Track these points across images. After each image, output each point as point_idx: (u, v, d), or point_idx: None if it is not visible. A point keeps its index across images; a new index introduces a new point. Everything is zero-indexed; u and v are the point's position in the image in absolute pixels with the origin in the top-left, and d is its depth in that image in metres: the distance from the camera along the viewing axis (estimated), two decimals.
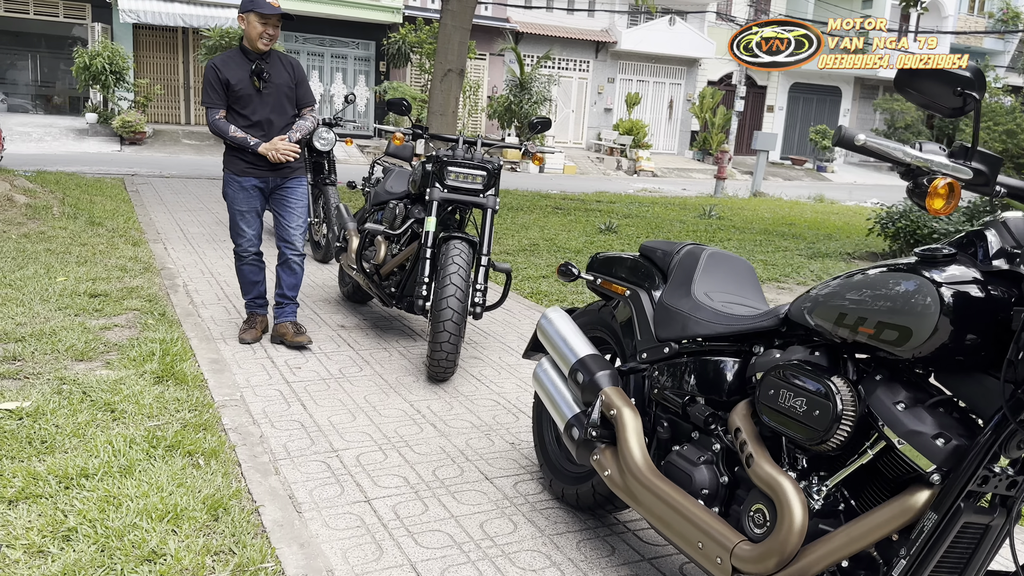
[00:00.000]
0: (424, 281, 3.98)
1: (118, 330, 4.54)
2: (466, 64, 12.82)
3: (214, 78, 4.30)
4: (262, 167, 4.41)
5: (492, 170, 4.17)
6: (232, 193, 4.46)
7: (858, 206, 17.10)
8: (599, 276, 2.71)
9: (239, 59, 4.37)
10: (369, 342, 4.64)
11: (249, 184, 4.45)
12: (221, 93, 4.31)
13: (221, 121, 4.33)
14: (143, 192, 10.77)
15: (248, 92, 4.33)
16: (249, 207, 4.50)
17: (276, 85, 4.43)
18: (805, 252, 9.15)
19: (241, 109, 4.36)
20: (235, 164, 4.42)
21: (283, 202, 4.55)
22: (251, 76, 4.33)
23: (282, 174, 4.49)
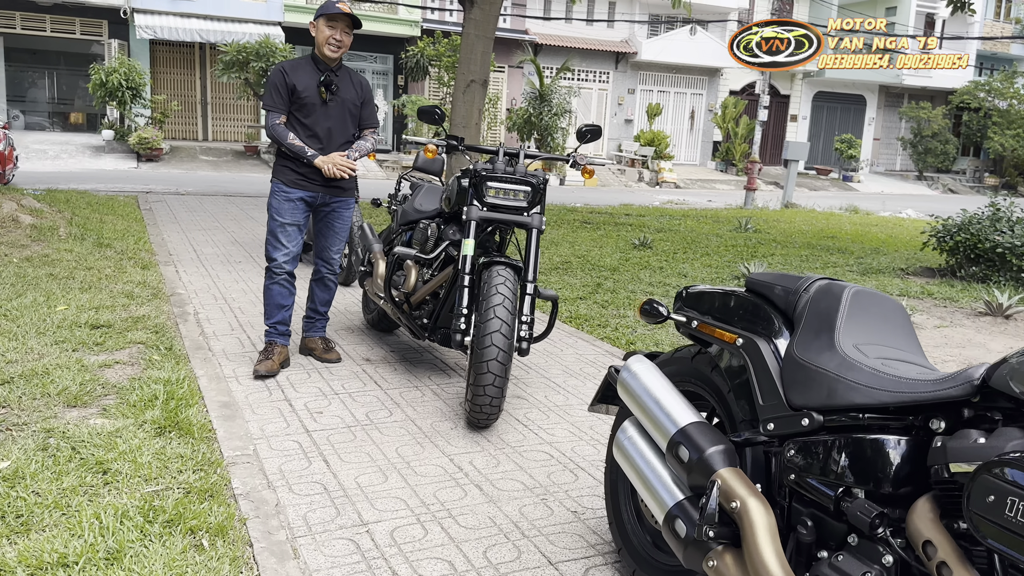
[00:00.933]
0: (462, 312, 3.48)
1: (119, 368, 4.07)
2: (489, 75, 12.38)
3: (281, 81, 4.05)
4: (314, 181, 4.15)
5: (537, 185, 3.68)
6: (277, 204, 4.16)
7: (895, 217, 16.47)
8: (695, 317, 2.18)
9: (309, 67, 4.12)
10: (398, 379, 4.14)
11: (297, 196, 4.16)
12: (285, 98, 4.06)
13: (281, 127, 4.08)
14: (156, 210, 10.38)
15: (313, 101, 4.08)
16: (293, 220, 4.17)
17: (342, 99, 4.16)
18: (855, 268, 8.58)
19: (303, 118, 4.11)
20: (286, 174, 4.15)
21: (328, 221, 4.30)
22: (319, 86, 4.08)
23: (333, 192, 4.22)
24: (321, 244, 4.35)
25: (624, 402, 2.22)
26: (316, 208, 4.27)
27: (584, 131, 3.96)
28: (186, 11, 21.36)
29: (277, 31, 21.72)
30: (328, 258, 4.36)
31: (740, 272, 7.59)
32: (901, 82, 33.94)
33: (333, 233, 4.32)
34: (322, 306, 4.44)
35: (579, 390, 4.14)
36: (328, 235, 4.32)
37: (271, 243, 4.22)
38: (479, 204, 3.67)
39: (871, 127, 35.80)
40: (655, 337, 5.33)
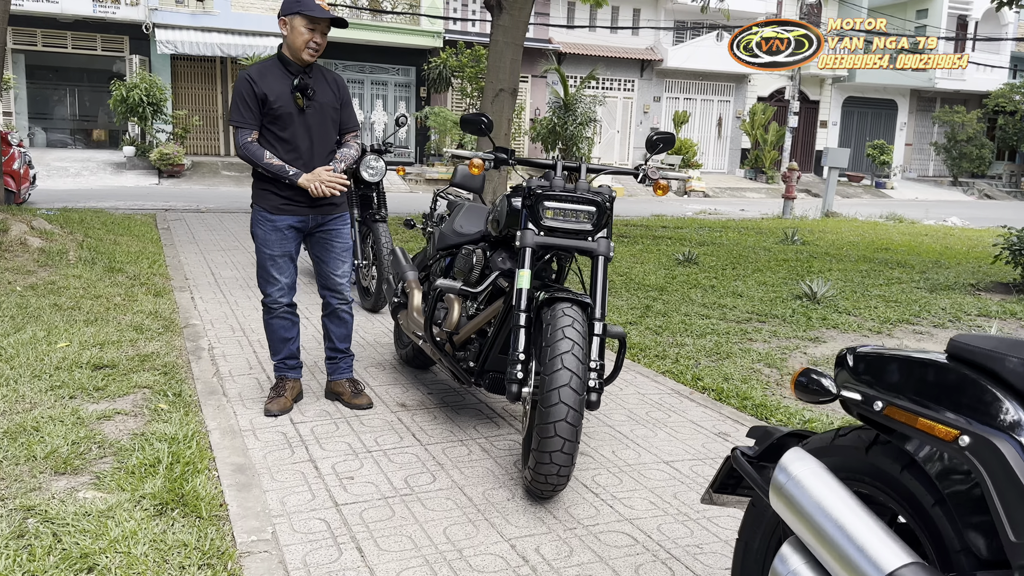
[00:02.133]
0: (518, 358, 2.92)
1: (120, 420, 3.54)
2: (518, 83, 11.85)
3: (248, 92, 3.47)
4: (300, 203, 3.60)
5: (602, 204, 3.11)
6: (263, 234, 3.63)
7: (941, 226, 15.72)
8: (879, 396, 1.59)
9: (278, 71, 3.55)
10: (440, 430, 3.57)
11: (284, 224, 3.62)
12: (255, 110, 3.49)
13: (253, 145, 3.51)
14: (175, 229, 9.93)
15: (289, 111, 3.52)
16: (282, 251, 3.65)
17: (321, 105, 3.61)
18: (922, 285, 7.92)
19: (280, 131, 3.54)
20: (268, 199, 3.60)
21: (325, 245, 3.74)
22: (293, 92, 3.52)
23: (322, 211, 3.67)
24: (323, 271, 3.80)
25: (785, 520, 1.63)
26: (309, 233, 3.72)
27: (655, 139, 3.39)
28: (207, 25, 21.10)
29: None
30: (335, 286, 3.80)
31: (801, 291, 6.97)
32: (934, 86, 33.12)
33: (334, 256, 3.76)
34: (341, 343, 3.89)
35: (651, 443, 3.56)
36: (329, 259, 3.77)
37: (262, 277, 3.70)
38: (535, 228, 3.11)
39: (903, 132, 34.94)
40: (723, 370, 4.73)
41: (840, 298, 7.00)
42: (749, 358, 5.10)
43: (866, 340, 5.77)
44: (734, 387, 4.40)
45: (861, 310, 6.63)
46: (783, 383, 4.64)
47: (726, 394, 4.28)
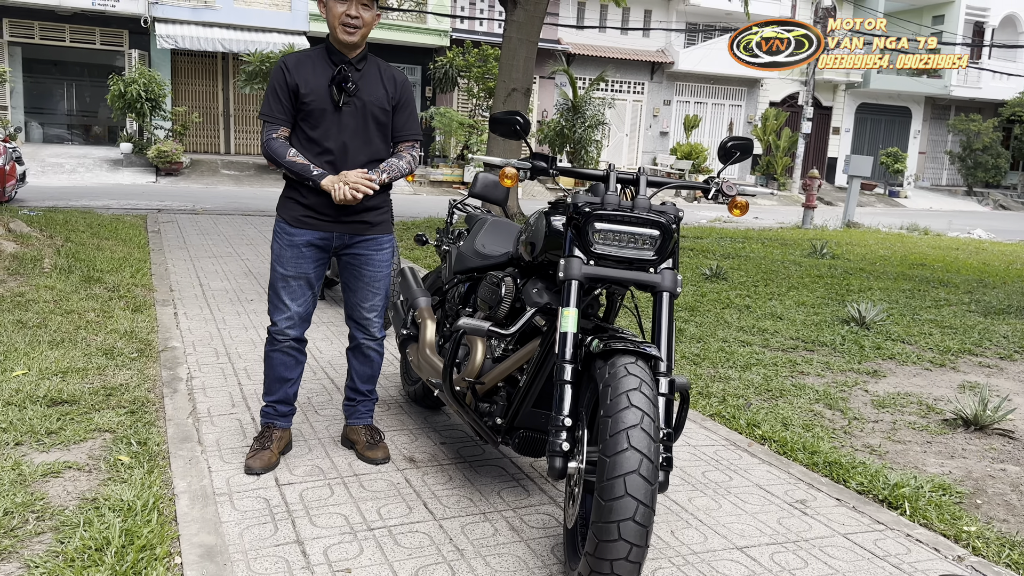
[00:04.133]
0: (562, 424, 2.29)
1: (70, 476, 2.92)
2: (532, 82, 11.23)
3: (280, 82, 2.96)
4: (325, 216, 3.03)
5: (668, 227, 2.48)
6: (278, 249, 3.08)
7: (969, 239, 15.08)
8: None
9: (320, 61, 3.01)
10: (457, 499, 2.93)
11: (302, 240, 3.04)
12: (287, 103, 2.97)
13: (278, 141, 2.97)
14: (165, 232, 9.31)
15: (323, 106, 2.97)
16: (297, 272, 3.06)
17: (364, 102, 3.02)
18: (974, 308, 7.28)
19: (310, 129, 2.99)
20: (289, 209, 3.07)
21: (353, 271, 3.16)
22: (330, 85, 2.96)
23: (352, 229, 3.08)
24: (350, 300, 3.20)
25: None
26: (336, 254, 3.13)
27: (731, 146, 2.77)
28: (208, 20, 20.49)
29: (302, 41, 20.79)
30: (361, 319, 3.20)
31: (848, 314, 6.34)
32: (949, 93, 32.54)
33: (363, 286, 3.17)
34: (364, 383, 3.29)
35: (716, 519, 2.92)
36: (357, 288, 3.17)
37: (271, 301, 3.13)
38: (583, 255, 2.48)
39: (916, 140, 34.35)
40: (779, 413, 4.10)
41: (890, 323, 6.36)
42: (805, 397, 4.46)
43: (929, 374, 5.14)
44: (797, 437, 3.77)
45: (916, 337, 6.00)
46: (851, 431, 4.00)
47: (790, 447, 3.65)
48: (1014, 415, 4.31)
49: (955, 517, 3.04)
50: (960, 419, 4.16)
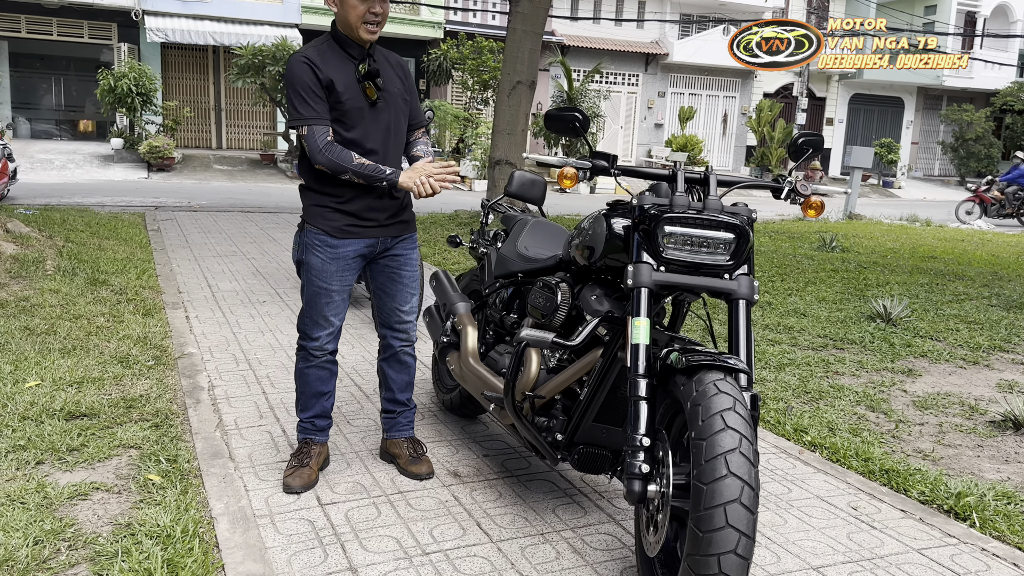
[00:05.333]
0: (638, 443, 2.14)
1: (99, 499, 2.75)
2: (537, 75, 11.05)
3: (311, 79, 2.69)
4: (371, 222, 2.84)
5: (743, 229, 2.33)
6: (320, 264, 2.83)
7: (971, 230, 15.02)
8: None
9: (337, 55, 2.77)
10: (511, 518, 2.77)
11: (350, 252, 2.85)
12: (324, 101, 2.72)
13: (337, 147, 2.71)
14: (165, 231, 9.10)
15: (358, 104, 2.76)
16: (343, 285, 2.89)
17: (392, 93, 2.85)
18: (996, 302, 7.18)
19: (345, 130, 2.77)
20: (328, 219, 2.81)
21: (392, 274, 2.99)
22: (360, 80, 2.75)
23: (396, 230, 2.93)
24: (387, 305, 3.03)
25: None
26: (373, 259, 2.96)
27: (801, 143, 2.61)
28: (199, 13, 20.18)
29: (294, 33, 20.51)
30: (399, 324, 3.04)
31: (873, 311, 6.21)
32: (941, 83, 32.55)
33: (402, 287, 3.00)
34: (402, 393, 3.13)
35: (785, 536, 2.76)
36: (396, 291, 3.00)
37: (310, 317, 2.91)
38: (653, 260, 2.33)
39: (909, 130, 34.39)
40: (822, 417, 3.96)
41: (915, 319, 6.24)
42: (845, 399, 4.33)
43: (964, 372, 5.02)
44: (847, 442, 3.64)
45: (943, 334, 5.88)
46: (898, 435, 3.88)
47: (843, 454, 3.51)
48: None
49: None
50: (1009, 420, 4.04)
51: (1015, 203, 17.44)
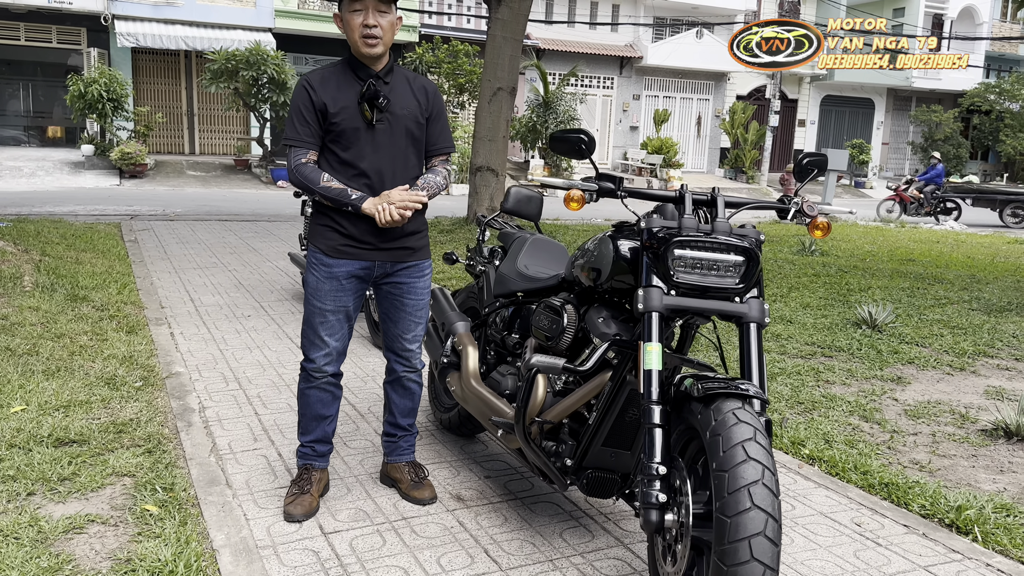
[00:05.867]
0: (656, 472, 2.12)
1: (96, 532, 2.67)
2: (518, 81, 11.03)
3: (304, 102, 2.73)
4: (366, 245, 2.81)
5: (752, 252, 2.32)
6: (315, 282, 2.84)
7: (946, 231, 15.24)
8: None
9: (345, 77, 2.79)
10: (518, 544, 2.74)
11: (343, 272, 2.82)
12: (314, 125, 2.74)
13: (308, 167, 2.74)
14: (143, 241, 8.95)
15: (354, 125, 2.75)
16: (338, 306, 2.85)
17: (397, 116, 2.81)
18: (976, 306, 7.27)
19: (341, 151, 2.77)
20: (325, 238, 2.82)
21: (395, 301, 2.94)
22: (360, 102, 2.73)
23: (394, 256, 2.87)
24: (391, 331, 2.99)
25: None
26: (376, 283, 2.92)
27: (806, 163, 2.62)
28: (170, 17, 19.92)
29: (268, 37, 20.32)
30: (403, 351, 3.00)
31: (858, 317, 6.26)
32: (910, 85, 33.06)
33: (406, 316, 2.95)
34: (404, 418, 3.08)
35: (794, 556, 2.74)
36: (398, 318, 2.96)
37: (307, 337, 2.89)
38: (664, 284, 2.31)
39: (880, 131, 34.89)
40: (817, 428, 3.98)
41: (900, 324, 6.30)
42: (838, 409, 4.35)
43: (951, 379, 5.06)
44: (844, 455, 3.65)
45: (928, 339, 5.94)
46: (894, 446, 3.90)
47: (841, 468, 3.52)
48: None
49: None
50: (1000, 429, 4.08)
51: (932, 202, 18.21)
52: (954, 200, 18.15)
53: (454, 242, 9.72)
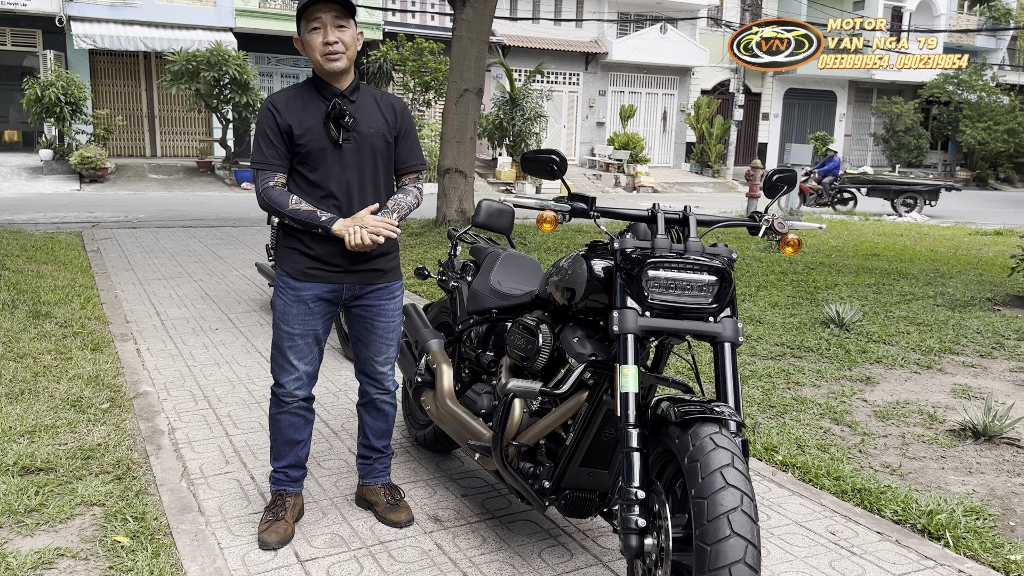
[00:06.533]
0: (635, 497, 2.12)
1: (66, 567, 2.61)
2: (484, 82, 11.00)
3: (270, 124, 2.69)
4: (334, 267, 2.76)
5: (725, 271, 2.33)
6: (282, 306, 2.79)
7: (909, 223, 15.50)
8: None
9: (310, 96, 2.74)
10: (496, 564, 2.72)
11: (310, 295, 2.78)
12: (281, 148, 2.70)
13: (276, 190, 2.70)
14: (106, 251, 8.79)
15: (320, 146, 2.71)
16: (306, 329, 2.81)
17: (364, 135, 2.77)
18: (941, 301, 7.40)
19: (308, 172, 2.73)
20: (292, 260, 2.78)
21: (365, 324, 2.90)
22: (326, 122, 2.69)
23: (363, 279, 2.83)
24: (362, 354, 2.95)
25: None
26: (346, 306, 2.88)
27: (776, 179, 2.63)
28: (128, 18, 19.56)
29: (229, 37, 20.04)
30: (375, 373, 2.97)
31: (826, 316, 6.34)
32: (871, 77, 33.49)
33: (377, 338, 2.92)
34: (378, 439, 3.05)
35: (770, 568, 2.74)
36: (369, 341, 2.92)
37: (277, 362, 2.85)
38: (638, 305, 2.31)
39: (842, 123, 35.37)
40: (789, 433, 4.01)
41: (867, 322, 6.39)
42: (809, 412, 4.40)
43: (919, 377, 5.15)
44: (816, 460, 3.69)
45: (895, 337, 6.03)
46: (865, 449, 3.95)
47: (815, 474, 3.56)
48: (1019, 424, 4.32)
49: (996, 545, 2.99)
50: (968, 429, 4.15)
51: (831, 192, 18.81)
52: (850, 190, 18.75)
53: (423, 246, 9.67)
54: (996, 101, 33.15)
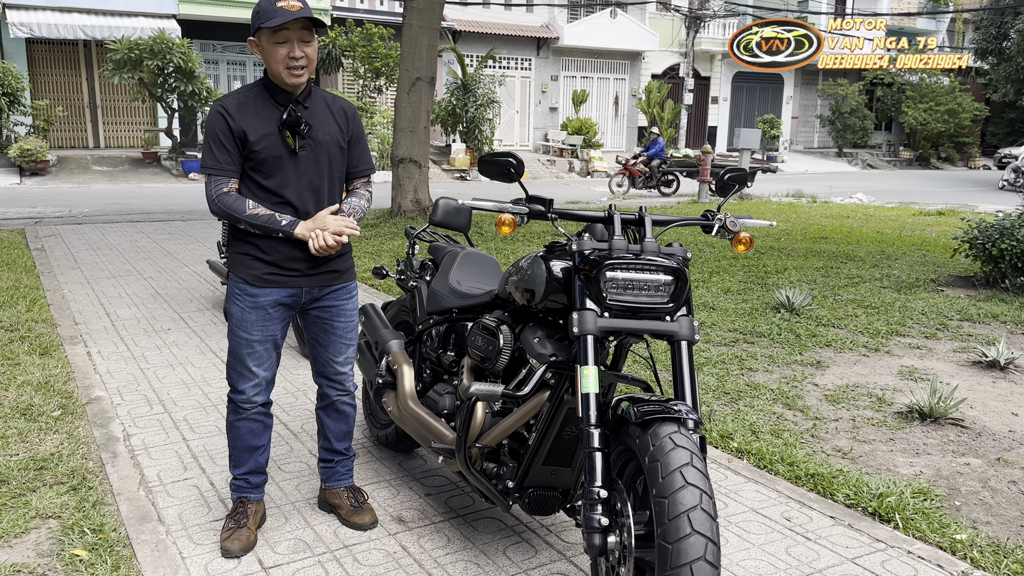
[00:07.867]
0: (597, 496, 2.15)
1: None
2: (436, 70, 10.93)
3: (222, 129, 2.62)
4: (292, 272, 2.73)
5: (680, 271, 2.37)
6: (239, 313, 2.75)
7: (857, 205, 15.84)
8: None
9: (262, 101, 2.69)
10: (461, 563, 2.74)
11: (269, 301, 2.74)
12: (234, 152, 2.64)
13: (231, 196, 2.65)
14: (51, 249, 8.56)
15: (276, 153, 2.67)
16: (265, 335, 2.78)
17: (319, 142, 2.74)
18: (887, 283, 7.60)
19: (263, 179, 2.68)
20: (247, 267, 2.73)
21: (324, 325, 2.88)
22: (281, 129, 2.65)
23: (321, 281, 2.81)
24: (321, 356, 2.94)
25: None
26: (303, 309, 2.86)
27: (728, 179, 2.68)
28: (66, 5, 18.96)
29: (172, 25, 19.56)
30: (335, 374, 2.96)
31: (776, 301, 6.47)
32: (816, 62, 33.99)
33: (336, 339, 2.91)
34: (340, 442, 3.04)
35: (728, 556, 2.83)
36: (329, 342, 2.91)
37: (234, 368, 2.81)
38: (597, 306, 2.34)
39: (789, 106, 35.91)
40: (743, 419, 4.11)
41: (816, 306, 6.54)
42: (763, 398, 4.50)
43: (867, 360, 5.29)
44: (770, 446, 3.78)
45: (844, 320, 6.19)
46: (817, 433, 4.06)
47: (769, 460, 3.65)
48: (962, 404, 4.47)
49: (943, 525, 3.10)
50: (915, 411, 4.29)
51: (658, 175, 19.27)
52: (673, 173, 19.18)
53: (379, 237, 9.61)
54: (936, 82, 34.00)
